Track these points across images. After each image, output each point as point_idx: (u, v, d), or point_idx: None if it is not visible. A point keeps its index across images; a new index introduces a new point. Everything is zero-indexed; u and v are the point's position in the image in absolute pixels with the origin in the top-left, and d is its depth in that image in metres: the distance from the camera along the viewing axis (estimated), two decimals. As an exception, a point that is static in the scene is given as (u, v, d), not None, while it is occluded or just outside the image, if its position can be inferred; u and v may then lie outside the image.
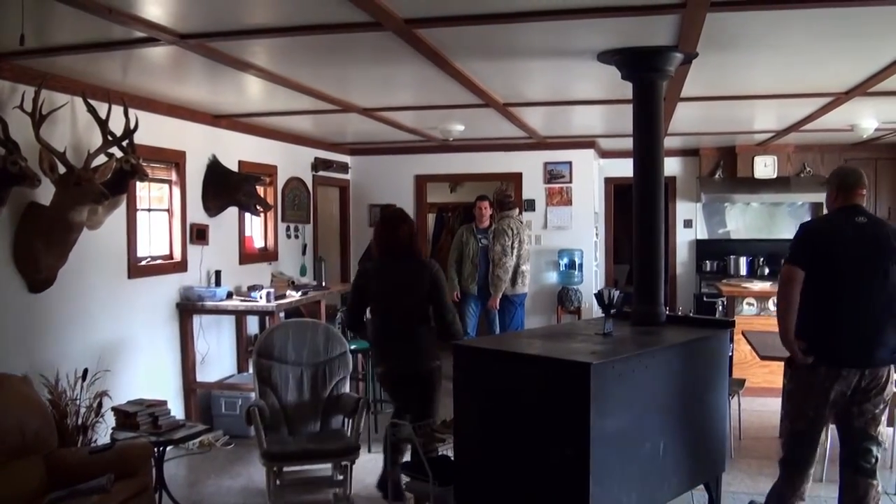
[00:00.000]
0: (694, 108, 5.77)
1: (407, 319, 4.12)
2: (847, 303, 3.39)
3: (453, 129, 6.65)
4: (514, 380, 3.12)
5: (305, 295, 6.23)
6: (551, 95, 5.38)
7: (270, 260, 7.01)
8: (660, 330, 3.75)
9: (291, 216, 7.43)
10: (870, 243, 3.42)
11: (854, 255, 3.40)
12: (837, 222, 3.51)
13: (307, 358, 4.61)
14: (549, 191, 8.30)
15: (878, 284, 3.38)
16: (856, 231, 3.44)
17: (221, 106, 5.65)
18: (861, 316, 3.38)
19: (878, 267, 3.39)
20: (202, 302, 5.58)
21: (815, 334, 3.44)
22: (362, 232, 8.48)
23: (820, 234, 3.52)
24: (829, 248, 3.42)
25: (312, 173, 7.89)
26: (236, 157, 6.36)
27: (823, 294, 3.41)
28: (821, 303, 3.42)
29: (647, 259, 3.91)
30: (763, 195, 8.58)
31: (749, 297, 6.77)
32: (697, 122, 6.72)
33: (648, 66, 3.81)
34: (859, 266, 3.39)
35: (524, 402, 3.07)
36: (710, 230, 9.17)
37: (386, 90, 5.13)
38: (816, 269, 3.40)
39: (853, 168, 3.71)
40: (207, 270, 5.90)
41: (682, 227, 9.20)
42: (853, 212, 3.50)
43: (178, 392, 5.57)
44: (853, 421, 3.45)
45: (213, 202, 5.95)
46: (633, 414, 3.09)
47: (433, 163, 8.55)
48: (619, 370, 3.01)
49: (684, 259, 9.23)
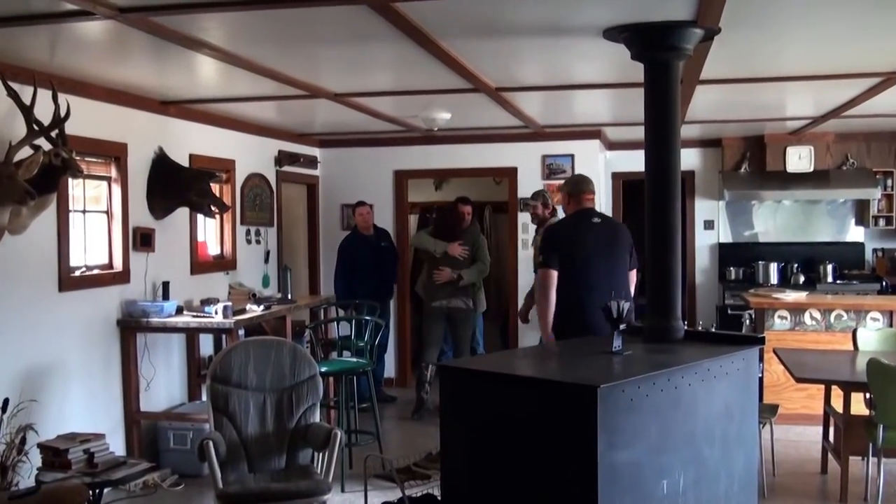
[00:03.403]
0: (715, 91, 5.80)
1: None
2: (594, 290, 4.65)
3: (438, 118, 6.65)
4: (508, 406, 3.12)
5: (268, 309, 6.21)
6: (550, 79, 5.39)
7: (227, 269, 6.99)
8: (677, 348, 3.75)
9: (252, 218, 7.41)
10: (607, 239, 4.94)
11: (594, 250, 4.85)
12: (576, 224, 5.00)
13: (271, 382, 4.59)
14: (548, 188, 8.30)
15: (618, 274, 4.85)
16: (594, 230, 4.94)
17: (170, 90, 5.63)
18: (606, 298, 4.44)
19: (616, 258, 4.90)
20: (147, 318, 5.55)
21: (568, 321, 4.77)
22: (334, 236, 8.47)
23: (564, 235, 4.98)
24: (572, 247, 4.84)
25: (276, 169, 7.88)
26: (187, 150, 6.34)
27: (572, 286, 4.80)
28: (570, 293, 4.79)
29: (662, 266, 3.92)
30: (797, 192, 8.65)
31: (781, 309, 6.81)
32: (720, 107, 6.76)
33: (662, 43, 3.82)
34: (600, 259, 4.83)
35: (520, 431, 3.06)
36: (734, 232, 9.22)
37: (361, 73, 5.13)
38: (564, 266, 4.81)
39: (582, 176, 5.31)
40: (153, 282, 5.87)
41: (703, 230, 9.25)
42: (588, 214, 5.03)
43: (119, 424, 5.53)
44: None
45: (161, 202, 5.92)
46: (647, 445, 3.09)
47: (415, 156, 8.56)
48: (631, 394, 3.00)
49: (705, 266, 9.27)
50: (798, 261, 8.93)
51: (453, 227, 7.45)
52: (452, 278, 7.24)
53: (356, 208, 7.93)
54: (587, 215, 5.04)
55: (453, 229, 7.43)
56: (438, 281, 7.28)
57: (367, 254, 7.81)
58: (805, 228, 9.08)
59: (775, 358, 5.78)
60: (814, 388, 5.92)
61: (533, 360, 3.81)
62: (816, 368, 5.15)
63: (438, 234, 7.43)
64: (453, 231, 7.41)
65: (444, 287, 7.28)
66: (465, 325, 7.38)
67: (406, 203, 8.81)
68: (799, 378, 4.84)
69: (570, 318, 4.82)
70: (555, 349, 4.38)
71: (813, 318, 6.76)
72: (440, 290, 7.30)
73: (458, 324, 7.36)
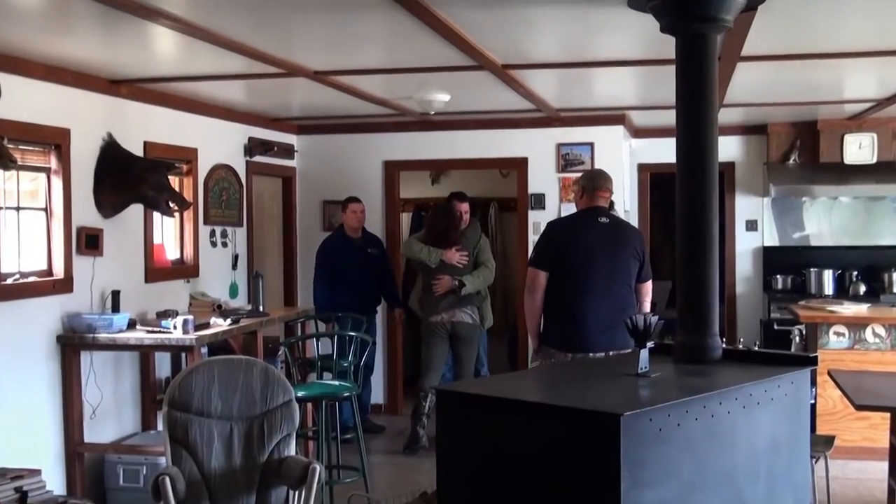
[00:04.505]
0: (760, 69, 5.81)
1: None
2: (589, 296, 5.10)
3: (435, 100, 6.66)
4: (516, 437, 3.11)
5: (236, 323, 6.22)
6: (566, 54, 5.40)
7: (188, 276, 7.00)
8: (714, 369, 3.75)
9: (217, 217, 7.43)
10: (612, 242, 5.24)
11: (594, 252, 5.16)
12: (580, 221, 5.36)
13: (238, 409, 4.59)
14: (564, 182, 8.33)
15: (620, 280, 5.21)
16: (598, 230, 5.23)
17: (121, 67, 5.64)
18: (603, 305, 5.09)
19: (619, 263, 5.23)
20: (93, 334, 5.54)
21: (557, 324, 5.21)
22: (313, 237, 8.48)
23: (563, 233, 5.31)
24: (569, 247, 5.17)
25: (246, 159, 7.90)
26: (141, 137, 6.35)
27: (566, 289, 5.16)
28: (563, 296, 5.16)
29: (696, 273, 3.92)
30: (856, 186, 8.64)
31: (837, 324, 6.81)
32: (765, 88, 6.77)
33: (697, 13, 3.82)
34: (600, 262, 5.16)
35: (530, 466, 3.05)
36: (782, 234, 9.23)
37: (345, 47, 5.14)
38: (559, 266, 5.17)
39: (601, 171, 5.60)
40: (101, 291, 5.87)
41: (744, 231, 9.27)
42: (596, 213, 5.30)
43: (58, 457, 5.54)
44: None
45: (110, 198, 5.93)
46: (678, 484, 3.08)
47: (408, 145, 8.58)
48: (660, 424, 3.00)
49: (747, 273, 9.28)
50: (857, 268, 8.93)
51: (447, 229, 7.34)
52: (453, 286, 7.18)
53: (347, 205, 7.91)
54: (595, 214, 5.33)
55: (447, 233, 7.32)
56: (438, 291, 7.20)
57: (352, 259, 7.80)
58: (866, 230, 9.08)
59: (830, 381, 5.76)
60: (877, 417, 5.91)
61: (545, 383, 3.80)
62: (880, 394, 5.13)
63: (430, 240, 7.31)
64: (447, 235, 7.31)
65: (444, 298, 7.21)
66: (471, 343, 7.31)
67: (398, 199, 8.83)
68: (859, 405, 4.82)
69: (559, 324, 5.23)
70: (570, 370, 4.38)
71: (875, 334, 6.75)
72: (440, 302, 7.23)
73: (463, 341, 7.27)
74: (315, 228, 8.68)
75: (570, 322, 5.17)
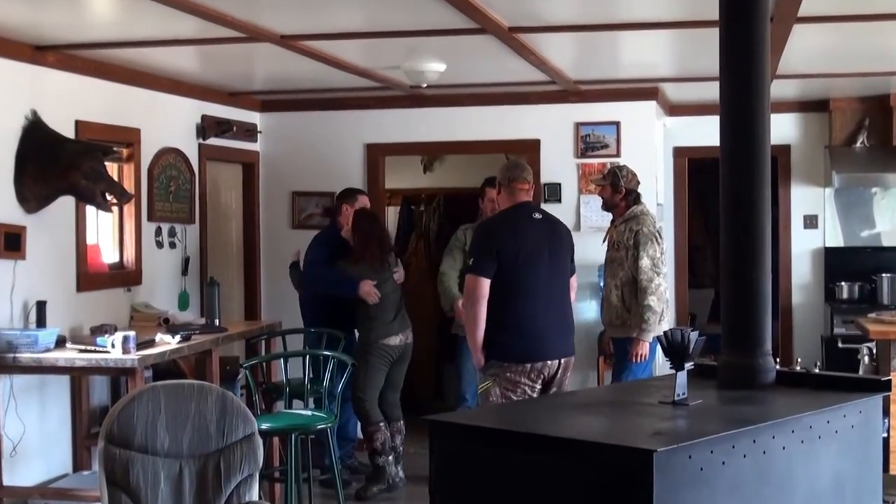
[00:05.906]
0: (821, 32, 5.84)
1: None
2: (538, 301, 5.63)
3: (428, 71, 6.67)
4: (527, 477, 3.12)
5: (187, 341, 6.22)
6: (587, 14, 5.43)
7: (129, 284, 7.01)
8: (765, 396, 3.77)
9: (164, 212, 7.44)
10: (550, 240, 5.78)
11: (536, 252, 5.65)
12: (514, 220, 5.74)
13: (190, 446, 4.59)
14: (585, 169, 8.34)
15: (562, 281, 5.82)
16: (535, 229, 5.71)
17: (47, 30, 5.65)
18: (551, 309, 5.67)
19: (559, 262, 5.79)
20: (14, 353, 5.54)
21: (506, 334, 5.61)
22: (281, 236, 8.49)
23: (501, 234, 5.69)
24: (510, 249, 5.59)
25: (199, 141, 7.91)
26: (72, 115, 6.37)
27: (512, 295, 5.57)
28: (508, 303, 5.57)
29: (744, 280, 3.93)
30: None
31: (914, 341, 6.83)
32: (826, 56, 6.80)
33: (745, -35, 3.84)
34: (543, 263, 5.68)
35: (545, 514, 3.06)
36: (847, 233, 9.24)
37: (319, 6, 5.16)
38: (500, 271, 5.57)
39: (517, 161, 6.15)
40: (24, 302, 5.89)
41: (802, 228, 9.29)
42: (526, 209, 5.76)
43: (-26, 503, 5.53)
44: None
45: (35, 189, 5.94)
46: (723, 533, 3.09)
47: (395, 125, 8.60)
48: (701, 462, 3.01)
49: (805, 279, 9.30)
50: (939, 273, 8.97)
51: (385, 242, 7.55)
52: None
53: (359, 196, 7.67)
54: (526, 210, 5.82)
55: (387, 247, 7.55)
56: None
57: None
58: (948, 227, 9.13)
59: (906, 410, 5.81)
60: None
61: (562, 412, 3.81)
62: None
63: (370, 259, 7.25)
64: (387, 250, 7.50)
65: (396, 318, 7.35)
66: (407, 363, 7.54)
67: (383, 190, 8.83)
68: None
69: (508, 334, 5.64)
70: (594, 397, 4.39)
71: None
72: (392, 322, 7.34)
73: (405, 362, 7.48)
74: (282, 225, 8.68)
75: (520, 330, 5.64)
